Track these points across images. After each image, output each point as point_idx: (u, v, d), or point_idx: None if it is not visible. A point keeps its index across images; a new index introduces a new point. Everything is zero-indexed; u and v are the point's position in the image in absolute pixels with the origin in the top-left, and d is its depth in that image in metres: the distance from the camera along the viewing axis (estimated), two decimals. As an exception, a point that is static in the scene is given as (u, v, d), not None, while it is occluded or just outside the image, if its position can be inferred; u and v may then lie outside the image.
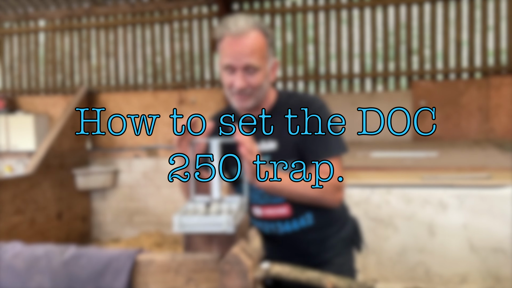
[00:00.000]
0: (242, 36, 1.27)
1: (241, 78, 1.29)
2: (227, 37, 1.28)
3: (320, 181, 1.28)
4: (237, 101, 1.35)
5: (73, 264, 1.02)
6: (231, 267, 0.95)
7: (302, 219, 1.42)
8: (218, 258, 0.98)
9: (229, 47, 1.28)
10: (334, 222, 1.49)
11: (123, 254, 1.02)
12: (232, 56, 1.28)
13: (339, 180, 1.32)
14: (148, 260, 1.02)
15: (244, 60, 1.27)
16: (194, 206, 1.19)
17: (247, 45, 1.27)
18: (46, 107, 6.32)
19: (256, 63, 1.28)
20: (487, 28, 5.07)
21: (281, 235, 1.43)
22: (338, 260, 1.47)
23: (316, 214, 1.42)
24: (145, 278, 1.01)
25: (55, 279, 1.02)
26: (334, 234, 1.48)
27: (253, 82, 1.30)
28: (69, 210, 5.43)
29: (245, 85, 1.29)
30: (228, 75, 1.31)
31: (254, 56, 1.28)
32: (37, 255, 1.05)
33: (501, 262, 2.86)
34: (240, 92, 1.31)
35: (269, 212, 1.42)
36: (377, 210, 3.05)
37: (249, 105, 1.35)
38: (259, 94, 1.34)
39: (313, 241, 1.45)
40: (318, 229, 1.44)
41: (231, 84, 1.31)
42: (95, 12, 6.08)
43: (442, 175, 3.15)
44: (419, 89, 5.13)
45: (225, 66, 1.30)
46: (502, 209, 2.85)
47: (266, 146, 1.38)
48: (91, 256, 1.03)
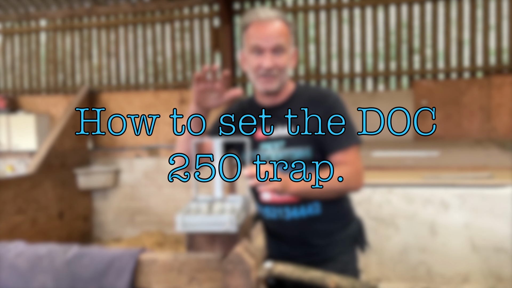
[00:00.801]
0: (269, 22, 1.38)
1: (269, 58, 1.36)
2: (255, 23, 1.38)
3: (342, 171, 1.38)
4: (263, 83, 1.40)
5: (76, 264, 1.02)
6: (234, 266, 0.95)
7: (310, 207, 1.44)
8: (221, 257, 0.98)
9: (257, 31, 1.38)
10: (341, 216, 1.51)
11: (125, 254, 1.02)
12: (261, 37, 1.36)
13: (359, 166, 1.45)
14: (151, 259, 1.02)
15: (273, 41, 1.36)
16: (196, 205, 1.19)
17: (275, 28, 1.38)
18: (47, 107, 6.32)
19: (284, 43, 1.38)
20: (489, 27, 5.06)
21: (288, 221, 1.44)
22: (343, 258, 1.48)
23: (324, 204, 1.45)
24: (148, 278, 1.01)
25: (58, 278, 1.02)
26: (340, 229, 1.50)
27: (280, 62, 1.38)
28: (70, 210, 5.44)
29: (272, 65, 1.37)
30: (255, 57, 1.38)
31: (282, 37, 1.37)
32: (40, 255, 1.05)
33: (502, 262, 2.86)
34: (267, 73, 1.38)
35: (277, 197, 1.44)
36: (378, 210, 3.05)
37: (274, 87, 1.41)
38: (283, 77, 1.41)
39: (319, 232, 1.46)
40: (324, 220, 1.45)
41: (259, 66, 1.38)
42: (96, 12, 6.08)
43: (443, 174, 3.14)
44: (421, 89, 5.13)
45: (253, 47, 1.38)
46: (504, 209, 2.85)
47: (282, 132, 1.43)
48: (94, 255, 1.03)
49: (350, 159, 1.42)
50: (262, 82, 1.40)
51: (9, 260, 1.05)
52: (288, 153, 1.42)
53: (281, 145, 1.42)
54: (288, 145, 1.42)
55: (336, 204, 1.48)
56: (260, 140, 1.46)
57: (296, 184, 1.29)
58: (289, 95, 1.47)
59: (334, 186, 1.35)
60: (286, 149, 1.42)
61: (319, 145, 1.41)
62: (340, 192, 1.42)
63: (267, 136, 1.45)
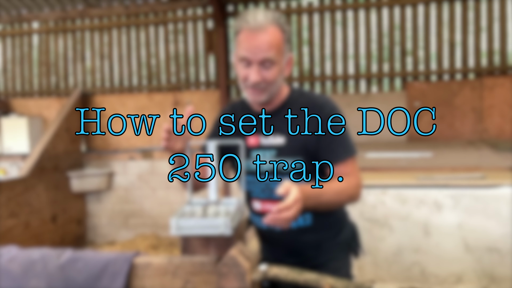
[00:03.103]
0: (260, 31, 1.28)
1: (257, 72, 1.29)
2: (245, 30, 1.29)
3: (346, 182, 1.34)
4: (251, 94, 1.36)
5: (70, 268, 1.02)
6: (228, 269, 0.95)
7: (300, 219, 1.41)
8: (215, 260, 0.98)
9: (246, 41, 1.29)
10: (332, 226, 1.49)
11: (120, 257, 1.02)
12: (249, 49, 1.29)
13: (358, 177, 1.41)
14: (145, 263, 1.01)
15: (261, 54, 1.28)
16: (191, 208, 1.18)
17: (264, 40, 1.28)
18: (40, 109, 6.28)
19: (273, 57, 1.29)
20: (480, 29, 5.11)
21: (278, 232, 1.42)
22: (333, 264, 1.46)
23: (315, 216, 1.42)
24: (142, 281, 1.01)
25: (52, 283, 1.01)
26: (330, 238, 1.48)
27: (268, 76, 1.31)
28: (64, 213, 5.40)
29: (260, 79, 1.30)
30: (243, 67, 1.32)
31: (271, 50, 1.29)
32: (33, 259, 1.05)
33: (496, 262, 2.88)
34: (254, 86, 1.32)
35: (268, 207, 1.41)
36: (372, 211, 3.06)
37: (262, 99, 1.36)
38: (273, 89, 1.35)
39: (309, 243, 1.45)
40: (315, 231, 1.44)
41: (246, 77, 1.32)
42: (89, 14, 6.05)
43: (437, 175, 3.16)
44: (413, 90, 5.16)
45: (241, 58, 1.31)
46: (497, 209, 2.87)
47: (274, 141, 1.39)
48: (88, 259, 1.03)
49: (351, 170, 1.39)
50: (250, 93, 1.36)
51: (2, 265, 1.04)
52: (279, 163, 1.38)
53: (272, 155, 1.39)
54: (279, 154, 1.38)
55: (327, 215, 1.45)
56: (252, 148, 1.42)
57: (310, 200, 1.21)
58: (282, 102, 1.42)
59: (343, 196, 1.34)
60: (278, 158, 1.38)
61: (312, 156, 1.36)
62: (345, 202, 1.40)
63: (259, 144, 1.42)
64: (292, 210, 1.10)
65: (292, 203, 1.10)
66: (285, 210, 1.09)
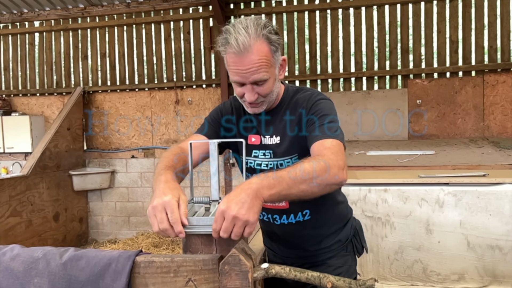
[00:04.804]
0: (246, 53, 1.21)
1: (251, 92, 1.28)
2: (230, 54, 1.24)
3: (319, 159, 1.13)
4: (249, 108, 1.36)
5: (72, 266, 1.02)
6: (231, 267, 0.95)
7: (299, 214, 1.42)
8: (217, 258, 0.98)
9: (234, 65, 1.24)
10: (333, 222, 1.49)
11: (122, 256, 1.02)
12: (238, 74, 1.25)
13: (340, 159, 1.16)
14: (148, 261, 1.01)
15: (251, 78, 1.25)
16: (193, 207, 1.19)
17: (251, 63, 1.22)
18: (41, 108, 6.29)
19: (264, 76, 1.26)
20: (482, 26, 5.09)
21: (278, 226, 1.44)
22: (334, 262, 1.47)
23: (314, 212, 1.43)
24: (144, 280, 1.01)
25: (54, 281, 1.01)
26: (331, 235, 1.48)
27: (263, 92, 1.30)
28: (65, 211, 5.42)
29: (255, 98, 1.30)
30: (237, 87, 1.31)
31: (260, 70, 1.24)
32: (36, 258, 1.05)
33: (497, 259, 2.88)
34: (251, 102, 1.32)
35: (266, 203, 1.41)
36: (374, 209, 3.06)
37: (261, 111, 1.36)
38: (270, 99, 1.35)
39: (308, 238, 1.45)
40: (314, 227, 1.44)
41: (242, 95, 1.32)
42: (90, 13, 6.05)
43: (438, 173, 3.16)
44: (415, 88, 5.15)
45: (234, 82, 1.30)
46: (498, 207, 2.87)
47: (271, 140, 1.40)
48: (90, 258, 1.03)
49: (329, 146, 1.19)
50: (248, 108, 1.36)
51: (5, 263, 1.04)
52: (277, 163, 1.39)
53: (269, 154, 1.40)
54: (276, 155, 1.39)
55: (327, 212, 1.45)
56: (251, 147, 1.44)
57: (269, 191, 1.03)
58: (278, 102, 1.42)
59: (317, 176, 1.08)
60: (275, 159, 1.39)
61: (307, 152, 1.31)
62: (320, 184, 1.10)
63: (258, 143, 1.42)
64: (224, 222, 0.98)
65: (217, 218, 0.99)
66: (217, 229, 0.99)
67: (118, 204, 5.99)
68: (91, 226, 6.03)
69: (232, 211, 0.96)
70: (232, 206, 0.97)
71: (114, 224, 6.00)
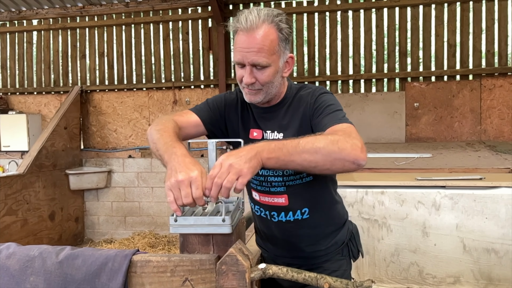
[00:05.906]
0: (252, 32, 1.23)
1: (249, 74, 1.28)
2: (239, 32, 1.26)
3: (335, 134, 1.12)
4: (246, 95, 1.35)
5: (68, 265, 1.01)
6: (228, 267, 0.95)
7: (298, 213, 1.42)
8: (215, 258, 0.98)
9: (239, 43, 1.26)
10: (330, 223, 1.49)
11: (119, 255, 1.02)
12: (240, 53, 1.26)
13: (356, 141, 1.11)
14: (144, 260, 1.01)
15: (251, 59, 1.25)
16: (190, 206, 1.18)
17: (255, 43, 1.23)
18: (39, 106, 6.27)
19: (264, 61, 1.26)
20: (480, 30, 5.12)
21: (276, 223, 1.44)
22: (329, 266, 1.46)
23: (313, 211, 1.42)
24: (141, 279, 1.01)
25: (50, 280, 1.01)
26: (327, 236, 1.47)
27: (261, 78, 1.29)
28: (61, 211, 5.40)
29: (252, 81, 1.29)
30: (239, 69, 1.31)
31: (262, 53, 1.25)
32: (32, 256, 1.04)
33: (493, 263, 2.89)
34: (249, 87, 1.31)
35: (265, 199, 1.43)
36: (371, 211, 3.06)
37: (257, 100, 1.34)
38: (269, 90, 1.33)
39: (305, 237, 1.45)
40: (311, 226, 1.44)
41: (241, 78, 1.31)
42: (89, 12, 6.04)
43: (435, 176, 3.17)
44: (413, 91, 5.17)
45: (235, 62, 1.30)
46: (495, 210, 2.88)
47: (272, 136, 1.39)
48: (87, 256, 1.02)
49: (342, 129, 1.17)
50: (246, 93, 1.35)
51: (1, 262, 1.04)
52: None
53: None
54: None
55: (326, 209, 1.45)
56: (253, 141, 1.42)
57: (270, 153, 1.05)
58: (280, 99, 1.41)
59: (323, 147, 1.05)
60: None
61: None
62: (332, 159, 1.06)
63: (259, 138, 1.42)
64: (221, 169, 1.01)
65: (215, 166, 1.03)
66: (213, 175, 1.01)
67: (115, 204, 5.97)
68: (87, 225, 6.01)
69: (229, 160, 1.01)
70: (230, 157, 1.02)
71: (110, 224, 5.98)
